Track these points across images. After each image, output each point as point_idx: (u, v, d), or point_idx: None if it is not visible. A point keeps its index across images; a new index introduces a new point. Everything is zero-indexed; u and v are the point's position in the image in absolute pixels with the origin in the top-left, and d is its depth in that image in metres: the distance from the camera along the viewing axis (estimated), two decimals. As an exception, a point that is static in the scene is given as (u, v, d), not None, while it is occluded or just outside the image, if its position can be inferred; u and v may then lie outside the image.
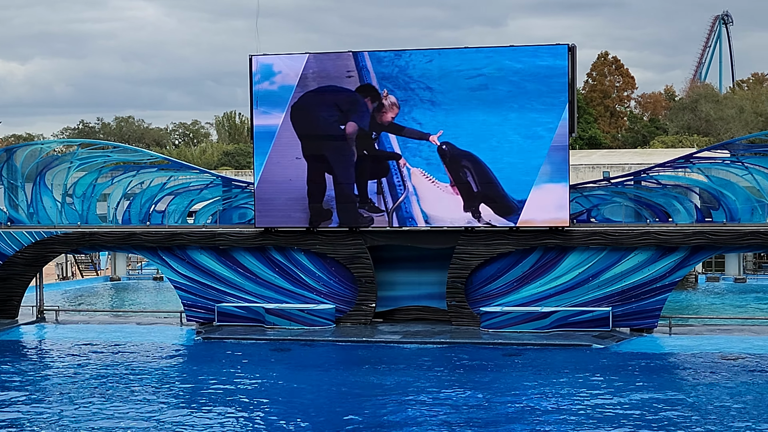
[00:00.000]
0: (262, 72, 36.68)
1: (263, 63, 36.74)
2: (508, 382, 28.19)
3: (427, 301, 37.61)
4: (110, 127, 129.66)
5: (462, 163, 35.39)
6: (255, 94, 36.79)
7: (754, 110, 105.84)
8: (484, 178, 35.23)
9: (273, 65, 36.65)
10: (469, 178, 35.36)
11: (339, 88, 36.08)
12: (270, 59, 36.79)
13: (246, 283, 37.84)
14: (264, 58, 36.84)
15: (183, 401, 26.13)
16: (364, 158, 36.10)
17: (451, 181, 35.45)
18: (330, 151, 36.31)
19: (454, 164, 35.47)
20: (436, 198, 35.60)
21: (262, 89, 36.70)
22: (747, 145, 37.15)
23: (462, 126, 35.39)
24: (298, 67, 36.37)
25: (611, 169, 56.13)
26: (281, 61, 36.70)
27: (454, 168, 35.47)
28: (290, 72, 36.47)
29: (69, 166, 39.97)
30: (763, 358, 30.87)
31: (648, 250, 34.73)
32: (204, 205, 39.71)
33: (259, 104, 36.77)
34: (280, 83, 36.56)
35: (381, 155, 35.95)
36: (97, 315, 42.78)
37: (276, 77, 36.60)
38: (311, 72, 36.26)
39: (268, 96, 36.66)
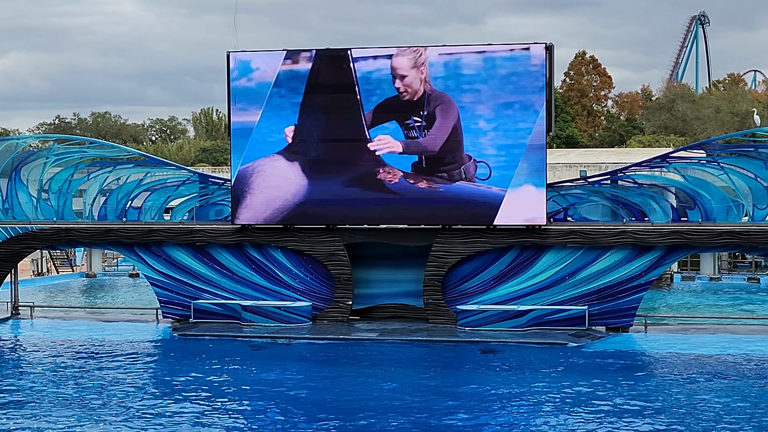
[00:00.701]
0: (240, 69, 36.59)
1: (241, 59, 36.65)
2: (483, 380, 28.24)
3: (404, 299, 37.62)
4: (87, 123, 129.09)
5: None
6: (232, 91, 36.68)
7: (730, 110, 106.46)
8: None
9: (251, 62, 36.57)
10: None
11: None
12: (248, 56, 36.71)
13: (222, 280, 37.76)
14: (242, 54, 36.75)
15: (158, 398, 26.03)
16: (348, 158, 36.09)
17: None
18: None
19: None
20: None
21: (240, 86, 36.61)
22: (723, 146, 37.33)
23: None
24: (276, 63, 36.30)
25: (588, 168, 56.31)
26: (259, 57, 36.62)
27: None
28: (268, 69, 36.39)
29: (45, 161, 39.75)
30: (738, 357, 31.04)
31: (624, 249, 34.87)
32: (181, 202, 39.59)
33: (236, 101, 36.69)
34: (257, 80, 36.48)
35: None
36: (73, 311, 42.57)
37: (254, 74, 36.52)
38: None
39: (245, 93, 36.57)
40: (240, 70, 36.60)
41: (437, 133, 35.33)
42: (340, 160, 36.12)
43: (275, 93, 36.35)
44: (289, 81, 36.26)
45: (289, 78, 36.26)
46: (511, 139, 34.86)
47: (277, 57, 36.43)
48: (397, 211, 35.79)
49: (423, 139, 35.44)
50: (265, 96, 36.38)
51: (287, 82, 36.27)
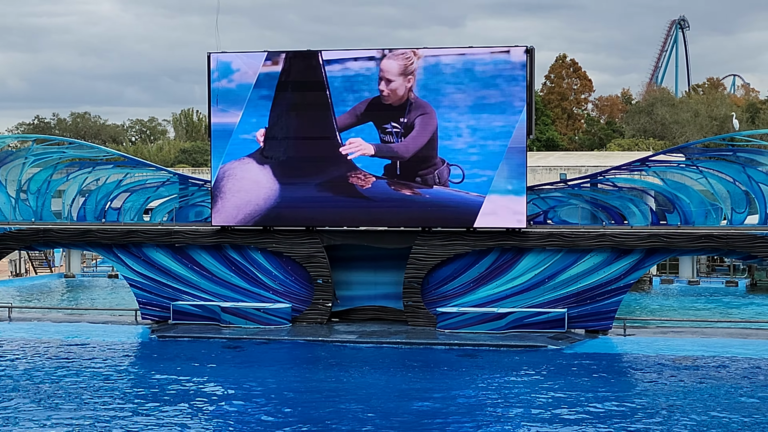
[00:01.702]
0: (221, 70, 36.51)
1: (222, 61, 36.57)
2: (461, 383, 28.25)
3: (383, 301, 37.61)
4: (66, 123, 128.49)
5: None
6: (213, 92, 36.59)
7: (709, 114, 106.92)
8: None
9: (231, 63, 36.49)
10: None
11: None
12: (228, 57, 36.63)
13: (202, 282, 37.66)
14: (222, 55, 36.68)
15: (135, 400, 25.92)
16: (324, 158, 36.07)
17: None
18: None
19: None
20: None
21: (221, 87, 36.53)
22: (702, 149, 37.50)
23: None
24: (257, 65, 36.24)
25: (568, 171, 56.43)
26: (240, 59, 36.54)
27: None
28: (249, 70, 36.33)
29: (24, 161, 39.56)
30: (715, 360, 31.18)
31: (603, 253, 34.97)
32: (160, 203, 39.49)
33: (217, 102, 36.61)
34: (238, 81, 36.41)
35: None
36: (51, 312, 42.37)
37: (234, 75, 36.45)
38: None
39: (226, 94, 36.49)
40: (221, 72, 36.52)
41: (412, 142, 35.32)
42: (312, 163, 36.06)
43: (256, 94, 36.30)
44: (271, 82, 36.21)
45: (270, 79, 36.21)
46: (491, 142, 34.89)
47: (257, 58, 36.36)
48: (372, 215, 35.80)
49: (396, 145, 35.42)
50: (246, 97, 36.32)
51: (268, 83, 36.22)
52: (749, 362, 30.94)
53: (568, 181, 37.54)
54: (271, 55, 36.28)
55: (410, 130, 35.36)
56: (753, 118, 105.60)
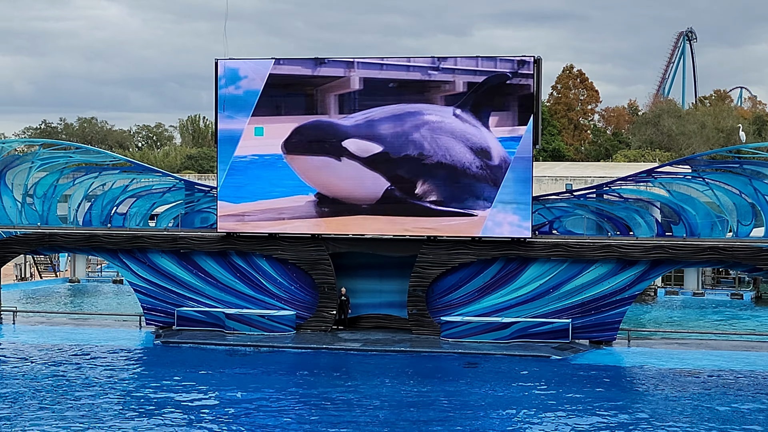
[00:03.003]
0: (228, 76, 36.55)
1: (229, 67, 36.61)
2: (464, 392, 28.20)
3: (387, 309, 37.59)
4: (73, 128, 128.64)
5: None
6: (220, 98, 36.62)
7: (716, 126, 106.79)
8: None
9: (239, 70, 36.52)
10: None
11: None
12: (236, 63, 36.66)
13: (207, 288, 37.67)
14: (230, 62, 36.71)
15: (137, 405, 25.93)
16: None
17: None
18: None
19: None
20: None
21: (228, 93, 36.55)
22: (708, 161, 37.47)
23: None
24: (265, 71, 36.27)
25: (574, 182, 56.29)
26: (247, 65, 36.57)
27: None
28: (256, 77, 36.35)
29: (30, 166, 39.65)
30: (719, 372, 31.11)
31: (608, 263, 34.93)
32: (166, 209, 39.53)
33: (223, 108, 36.63)
34: (245, 88, 36.44)
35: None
36: (56, 317, 42.37)
37: (242, 82, 36.47)
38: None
39: (233, 100, 36.52)
40: (228, 78, 36.56)
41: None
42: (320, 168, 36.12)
43: (263, 101, 36.30)
44: (277, 89, 36.24)
45: (277, 86, 36.24)
46: (498, 151, 34.88)
47: (265, 65, 36.39)
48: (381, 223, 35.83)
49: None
50: (253, 104, 36.34)
51: (275, 89, 36.25)
52: (753, 375, 30.87)
53: (574, 191, 37.53)
54: (279, 61, 36.29)
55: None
56: (760, 130, 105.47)
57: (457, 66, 35.22)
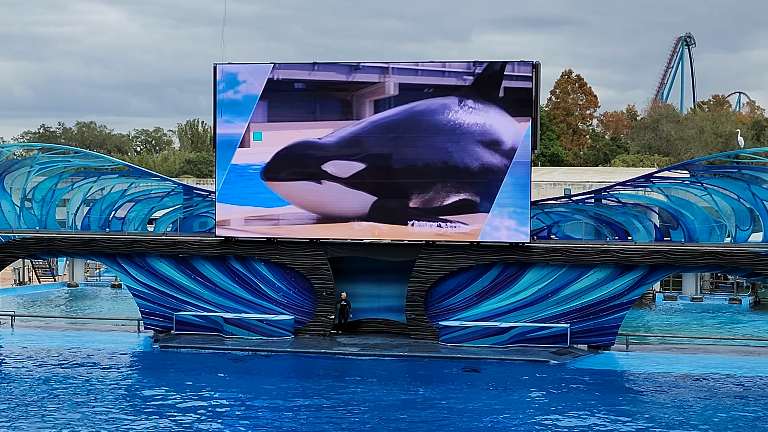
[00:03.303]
0: (227, 81, 36.56)
1: (228, 72, 36.62)
2: (462, 396, 28.20)
3: (386, 314, 37.57)
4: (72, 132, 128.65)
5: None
6: (219, 103, 36.64)
7: (714, 131, 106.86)
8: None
9: (238, 74, 36.53)
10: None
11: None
12: (235, 68, 36.67)
13: (205, 292, 37.66)
14: (228, 67, 36.72)
15: (135, 409, 25.92)
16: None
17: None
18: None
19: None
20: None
21: (226, 98, 36.57)
22: (706, 166, 37.49)
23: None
24: (264, 76, 36.29)
25: (572, 187, 56.37)
26: (246, 70, 36.58)
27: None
28: (255, 82, 36.36)
29: (29, 170, 39.63)
30: (717, 378, 31.12)
31: (607, 268, 34.93)
32: (164, 213, 39.51)
33: (222, 113, 36.64)
34: (244, 93, 36.45)
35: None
36: (54, 321, 42.39)
37: (240, 86, 36.48)
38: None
39: (231, 105, 36.54)
40: (227, 83, 36.57)
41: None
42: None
43: (261, 106, 36.33)
44: (276, 93, 36.26)
45: (275, 91, 36.27)
46: (496, 156, 34.91)
47: (264, 70, 36.40)
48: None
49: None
50: (252, 109, 36.36)
51: (274, 94, 36.27)
52: (750, 380, 30.87)
53: (573, 196, 37.53)
54: (278, 67, 36.31)
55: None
56: (758, 135, 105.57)
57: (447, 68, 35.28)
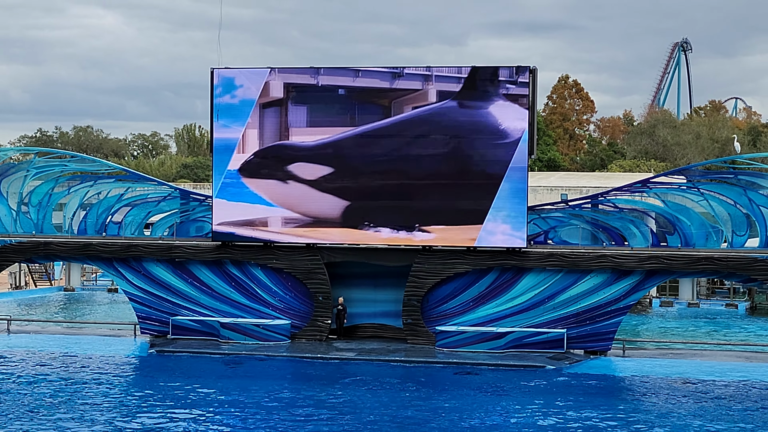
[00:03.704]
0: (224, 85, 36.57)
1: (224, 76, 36.62)
2: (459, 402, 28.18)
3: (382, 318, 37.56)
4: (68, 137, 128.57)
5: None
6: (215, 107, 36.64)
7: (711, 137, 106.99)
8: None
9: (234, 79, 36.54)
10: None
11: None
12: (231, 72, 36.68)
13: (202, 297, 37.64)
14: (225, 71, 36.72)
15: (131, 413, 25.89)
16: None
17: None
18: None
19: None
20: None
21: (223, 102, 36.58)
22: (703, 172, 37.53)
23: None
24: (260, 81, 36.30)
25: (569, 192, 56.44)
26: (243, 74, 36.58)
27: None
28: (252, 86, 36.37)
29: (25, 174, 39.60)
30: (713, 383, 31.12)
31: (603, 273, 34.95)
32: (161, 218, 39.49)
33: (219, 117, 36.64)
34: (241, 97, 36.45)
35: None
36: (50, 325, 42.35)
37: (237, 91, 36.48)
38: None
39: (228, 109, 36.54)
40: (224, 87, 36.57)
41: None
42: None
43: (258, 110, 36.31)
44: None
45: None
46: (493, 161, 34.92)
47: (261, 74, 36.41)
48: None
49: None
50: (248, 113, 36.36)
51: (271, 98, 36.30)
52: (747, 385, 30.87)
53: (569, 201, 37.55)
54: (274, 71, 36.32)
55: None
56: (754, 141, 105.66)
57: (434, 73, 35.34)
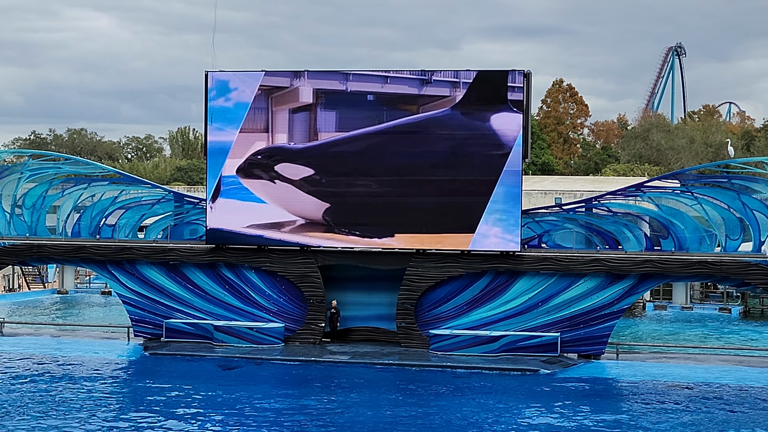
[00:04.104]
0: (218, 88, 36.53)
1: (219, 79, 36.60)
2: (453, 405, 28.18)
3: (376, 322, 37.54)
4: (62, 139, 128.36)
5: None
6: (210, 110, 36.60)
7: (705, 141, 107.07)
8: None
9: (229, 82, 36.51)
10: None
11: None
12: (226, 75, 36.65)
13: (195, 300, 37.59)
14: (220, 74, 36.70)
15: (124, 416, 25.85)
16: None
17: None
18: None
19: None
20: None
21: (217, 105, 36.54)
22: (697, 176, 37.58)
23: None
24: (255, 84, 36.28)
25: (563, 196, 56.43)
26: (237, 77, 36.56)
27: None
28: (246, 89, 36.34)
29: (19, 176, 39.54)
30: (706, 387, 31.14)
31: (597, 277, 34.96)
32: (155, 220, 39.45)
33: (213, 120, 36.61)
34: (235, 100, 36.43)
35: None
36: (43, 328, 42.26)
37: (231, 94, 36.46)
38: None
39: (223, 112, 36.50)
40: (218, 90, 36.54)
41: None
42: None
43: (253, 113, 36.28)
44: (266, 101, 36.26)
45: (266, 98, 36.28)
46: (487, 164, 34.92)
47: (255, 77, 36.39)
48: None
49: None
50: (243, 116, 36.33)
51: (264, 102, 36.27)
52: (741, 390, 30.90)
53: (563, 205, 37.57)
54: (269, 74, 36.32)
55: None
56: (748, 145, 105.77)
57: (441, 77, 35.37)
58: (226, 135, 36.45)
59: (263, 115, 36.29)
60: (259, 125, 36.29)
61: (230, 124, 36.42)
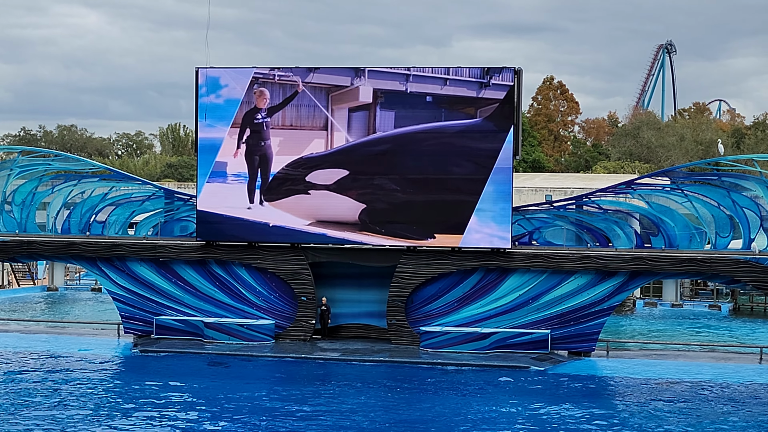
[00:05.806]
0: (209, 85, 36.48)
1: (210, 76, 36.54)
2: (443, 402, 28.20)
3: (367, 319, 37.55)
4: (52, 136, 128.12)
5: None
6: (200, 107, 36.55)
7: (695, 139, 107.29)
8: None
9: (220, 78, 36.46)
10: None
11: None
12: (217, 72, 36.60)
13: (185, 297, 37.54)
14: (211, 71, 36.63)
15: (113, 413, 25.81)
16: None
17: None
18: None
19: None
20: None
21: (208, 102, 36.50)
22: (687, 173, 37.65)
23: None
24: (245, 81, 36.24)
25: (554, 193, 56.52)
26: (228, 74, 36.51)
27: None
28: (237, 86, 36.30)
29: (9, 173, 39.43)
30: (696, 384, 31.22)
31: (588, 274, 35.00)
32: (145, 217, 39.39)
33: (204, 117, 36.55)
34: (226, 97, 36.39)
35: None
36: (33, 325, 42.14)
37: (222, 90, 36.42)
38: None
39: (213, 109, 36.46)
40: (209, 87, 36.49)
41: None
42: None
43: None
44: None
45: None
46: (478, 162, 34.94)
47: (246, 74, 36.35)
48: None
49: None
50: (233, 113, 36.29)
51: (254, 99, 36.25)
52: (730, 386, 30.98)
53: (554, 202, 37.61)
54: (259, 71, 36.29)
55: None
56: (738, 143, 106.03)
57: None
58: (216, 131, 36.40)
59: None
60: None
61: (221, 120, 36.38)
